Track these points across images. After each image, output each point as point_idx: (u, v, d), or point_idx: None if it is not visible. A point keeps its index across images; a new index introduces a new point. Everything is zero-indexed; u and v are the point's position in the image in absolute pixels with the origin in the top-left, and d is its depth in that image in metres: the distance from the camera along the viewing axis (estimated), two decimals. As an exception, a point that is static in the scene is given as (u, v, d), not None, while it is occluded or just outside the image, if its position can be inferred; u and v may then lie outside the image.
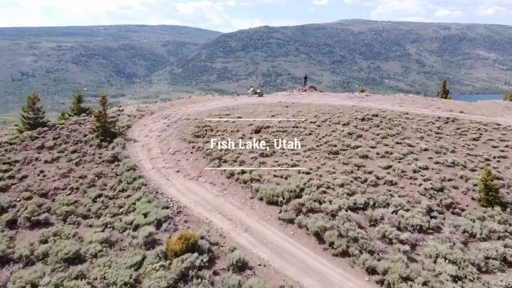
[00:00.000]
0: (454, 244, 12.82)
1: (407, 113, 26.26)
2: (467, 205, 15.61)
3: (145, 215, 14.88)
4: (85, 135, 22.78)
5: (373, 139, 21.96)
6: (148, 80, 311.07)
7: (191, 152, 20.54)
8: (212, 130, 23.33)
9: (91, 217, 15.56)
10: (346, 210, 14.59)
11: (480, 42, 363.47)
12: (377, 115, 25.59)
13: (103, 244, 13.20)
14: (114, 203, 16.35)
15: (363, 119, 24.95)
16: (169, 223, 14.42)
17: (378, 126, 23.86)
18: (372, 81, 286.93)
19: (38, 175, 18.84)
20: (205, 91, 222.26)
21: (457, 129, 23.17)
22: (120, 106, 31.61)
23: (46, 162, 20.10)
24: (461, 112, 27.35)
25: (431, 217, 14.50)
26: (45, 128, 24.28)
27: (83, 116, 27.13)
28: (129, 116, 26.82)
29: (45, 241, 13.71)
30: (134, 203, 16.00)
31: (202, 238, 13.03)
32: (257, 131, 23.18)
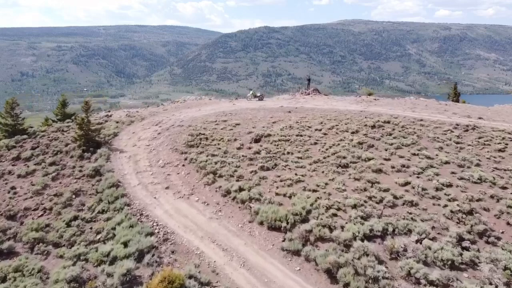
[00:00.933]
0: (496, 286, 10.57)
1: (421, 120, 23.96)
2: (502, 232, 13.35)
3: (125, 244, 12.68)
4: (66, 145, 20.57)
5: (386, 150, 19.69)
6: (148, 80, 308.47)
7: (183, 165, 18.31)
8: (207, 139, 21.10)
9: (63, 245, 13.41)
10: (362, 240, 12.36)
11: (481, 42, 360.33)
12: (388, 122, 23.31)
13: (71, 284, 11.01)
14: (91, 228, 14.15)
15: (373, 127, 22.68)
16: (153, 255, 12.23)
17: (390, 134, 21.58)
18: (373, 81, 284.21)
19: (9, 192, 16.66)
20: (205, 91, 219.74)
21: (479, 138, 20.82)
22: (109, 111, 29.39)
23: (19, 176, 17.91)
24: (480, 118, 25.05)
25: (463, 248, 12.25)
26: (24, 136, 22.12)
27: (67, 122, 24.93)
28: (117, 122, 24.56)
29: (3, 279, 11.54)
30: (114, 228, 13.80)
31: (190, 277, 10.83)
32: (256, 140, 20.96)
